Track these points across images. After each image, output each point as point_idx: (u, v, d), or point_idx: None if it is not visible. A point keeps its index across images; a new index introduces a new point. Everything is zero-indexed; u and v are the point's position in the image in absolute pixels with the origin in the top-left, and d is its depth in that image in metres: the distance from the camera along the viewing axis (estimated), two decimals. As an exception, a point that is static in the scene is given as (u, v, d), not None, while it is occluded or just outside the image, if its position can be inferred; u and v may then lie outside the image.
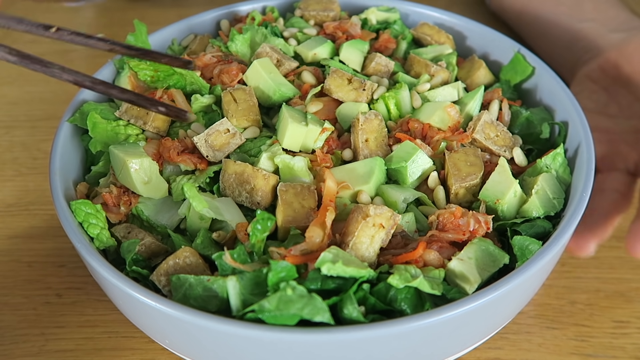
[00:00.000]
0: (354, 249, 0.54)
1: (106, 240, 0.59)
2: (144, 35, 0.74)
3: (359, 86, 0.66)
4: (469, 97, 0.69)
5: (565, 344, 0.66)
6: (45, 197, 0.81)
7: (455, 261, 0.55)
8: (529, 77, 0.74)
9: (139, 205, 0.62)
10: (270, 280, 0.51)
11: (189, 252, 0.56)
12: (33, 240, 0.77)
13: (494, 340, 0.66)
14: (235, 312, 0.52)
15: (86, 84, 0.51)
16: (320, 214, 0.55)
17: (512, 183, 0.60)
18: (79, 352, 0.66)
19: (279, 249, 0.54)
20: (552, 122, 0.69)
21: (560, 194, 0.61)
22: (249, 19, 0.78)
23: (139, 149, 0.63)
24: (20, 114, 0.93)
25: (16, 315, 0.69)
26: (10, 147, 0.89)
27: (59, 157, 0.63)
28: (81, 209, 0.59)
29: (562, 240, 0.56)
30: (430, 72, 0.71)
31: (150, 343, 0.66)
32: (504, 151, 0.65)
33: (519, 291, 0.56)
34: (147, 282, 0.57)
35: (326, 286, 0.52)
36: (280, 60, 0.70)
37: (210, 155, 0.62)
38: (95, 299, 0.70)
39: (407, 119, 0.66)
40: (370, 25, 0.80)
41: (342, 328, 0.49)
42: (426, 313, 0.50)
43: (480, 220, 0.57)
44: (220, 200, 0.60)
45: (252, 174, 0.60)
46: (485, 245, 0.57)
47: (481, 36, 0.79)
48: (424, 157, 0.62)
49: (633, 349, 0.66)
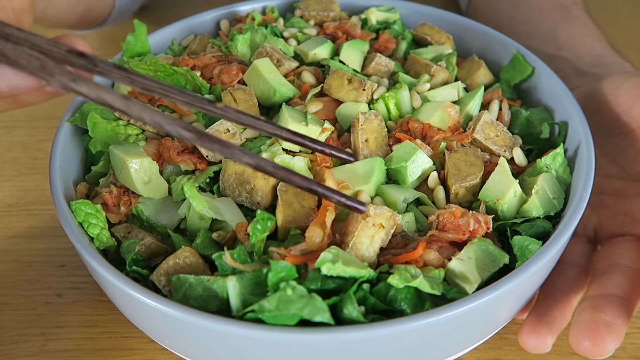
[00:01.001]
0: (354, 249, 0.54)
1: (106, 240, 0.59)
2: (144, 36, 0.74)
3: (359, 86, 0.66)
4: (469, 97, 0.69)
5: (565, 343, 0.66)
6: (45, 197, 0.81)
7: (455, 261, 0.55)
8: (528, 77, 0.74)
9: (139, 205, 0.62)
10: (270, 280, 0.51)
11: (189, 252, 0.56)
12: (33, 240, 0.77)
13: (494, 340, 0.66)
14: (235, 312, 0.52)
15: (268, 169, 0.50)
16: (320, 214, 0.55)
17: (512, 183, 0.60)
18: (79, 352, 0.66)
19: (279, 249, 0.54)
20: (552, 122, 0.69)
21: (560, 194, 0.61)
22: (249, 19, 0.78)
23: (139, 149, 0.63)
24: (20, 114, 0.93)
25: (16, 315, 0.69)
26: (10, 147, 0.89)
27: (59, 157, 0.63)
28: (81, 209, 0.59)
29: (562, 240, 0.56)
30: (430, 72, 0.71)
31: (150, 343, 0.66)
32: (504, 151, 0.65)
33: (519, 291, 0.56)
34: (147, 282, 0.57)
35: (326, 286, 0.52)
36: (280, 60, 0.70)
37: (210, 155, 0.62)
38: (95, 299, 0.70)
39: (407, 119, 0.66)
40: (370, 25, 0.80)
41: (342, 328, 0.49)
42: (426, 313, 0.50)
43: (480, 220, 0.57)
44: (220, 200, 0.60)
45: (252, 174, 0.60)
46: (486, 245, 0.57)
47: (481, 36, 0.79)
48: (424, 157, 0.62)
49: (633, 349, 0.66)
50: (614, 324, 0.56)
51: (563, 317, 0.61)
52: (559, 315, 0.61)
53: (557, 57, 0.83)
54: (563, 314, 0.61)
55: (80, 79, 0.45)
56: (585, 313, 0.58)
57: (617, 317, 0.57)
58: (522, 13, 0.92)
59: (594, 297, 0.59)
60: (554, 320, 0.60)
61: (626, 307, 0.58)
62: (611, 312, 0.57)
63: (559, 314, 0.61)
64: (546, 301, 0.62)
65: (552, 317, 0.60)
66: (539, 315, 0.61)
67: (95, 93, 0.45)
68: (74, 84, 0.44)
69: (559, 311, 0.61)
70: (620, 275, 0.61)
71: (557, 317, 0.61)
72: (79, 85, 0.45)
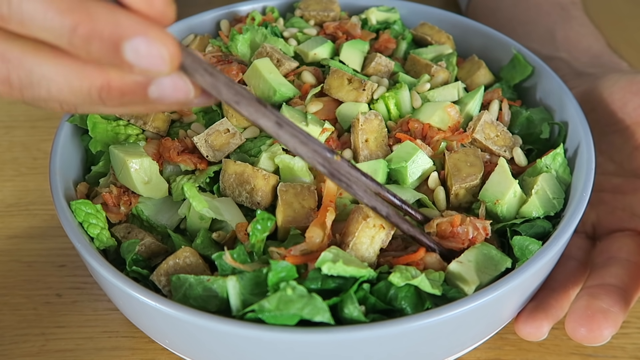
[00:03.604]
0: (354, 249, 0.54)
1: (106, 240, 0.59)
2: (144, 35, 0.74)
3: (359, 86, 0.66)
4: (469, 97, 0.69)
5: (565, 343, 0.66)
6: (45, 197, 0.81)
7: (455, 264, 0.55)
8: (528, 77, 0.74)
9: (139, 205, 0.62)
10: (270, 280, 0.51)
11: (189, 252, 0.56)
12: (33, 240, 0.77)
13: (494, 340, 0.66)
14: (235, 312, 0.52)
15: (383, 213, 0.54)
16: (321, 214, 0.55)
17: (511, 183, 0.60)
18: (79, 352, 0.66)
19: (279, 249, 0.54)
20: (552, 122, 0.69)
21: (560, 194, 0.61)
22: (249, 19, 0.78)
23: (139, 149, 0.63)
24: (20, 114, 0.93)
25: (16, 315, 0.69)
26: (10, 147, 0.89)
27: (59, 157, 0.63)
28: (81, 209, 0.59)
29: (562, 240, 0.56)
30: (430, 72, 0.71)
31: (150, 343, 0.66)
32: (504, 151, 0.65)
33: (519, 291, 0.56)
34: (147, 282, 0.57)
35: (326, 286, 0.52)
36: (280, 60, 0.70)
37: (210, 155, 0.62)
38: (95, 299, 0.70)
39: (407, 119, 0.66)
40: (370, 25, 0.80)
41: (342, 328, 0.49)
42: (426, 313, 0.50)
43: (479, 227, 0.57)
44: (220, 200, 0.60)
45: (252, 174, 0.60)
46: (487, 249, 0.57)
47: (481, 36, 0.79)
48: (424, 157, 0.62)
49: (633, 349, 0.66)
50: (610, 311, 0.56)
51: (560, 305, 0.61)
52: (556, 303, 0.61)
53: (554, 58, 0.83)
54: (560, 302, 0.61)
55: (243, 101, 0.46)
56: (582, 300, 0.58)
57: (614, 305, 0.57)
58: (521, 13, 0.92)
59: (592, 286, 0.59)
60: (550, 308, 0.60)
61: (623, 297, 0.58)
62: (608, 299, 0.57)
63: (555, 302, 0.61)
64: (543, 290, 0.62)
65: (549, 304, 0.61)
66: (536, 303, 0.61)
67: (253, 117, 0.47)
68: (236, 105, 0.46)
69: (556, 300, 0.61)
70: (618, 267, 0.61)
71: (553, 305, 0.61)
72: (241, 107, 0.47)
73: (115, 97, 0.43)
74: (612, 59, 0.82)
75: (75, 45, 0.40)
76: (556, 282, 0.63)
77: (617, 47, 0.86)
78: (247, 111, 0.47)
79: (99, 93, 0.42)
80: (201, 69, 0.44)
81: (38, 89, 0.42)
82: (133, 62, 0.40)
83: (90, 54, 0.40)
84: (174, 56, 0.41)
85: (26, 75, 0.42)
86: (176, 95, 0.44)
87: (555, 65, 0.80)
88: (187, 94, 0.44)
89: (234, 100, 0.46)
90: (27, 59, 0.41)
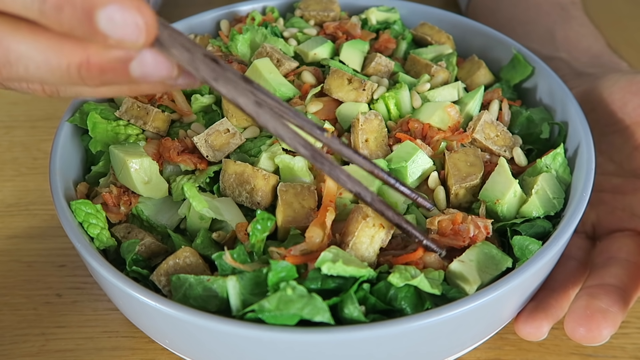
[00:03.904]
0: (354, 248, 0.54)
1: (106, 240, 0.59)
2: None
3: (359, 86, 0.66)
4: (469, 97, 0.69)
5: (565, 343, 0.66)
6: (45, 197, 0.81)
7: (456, 263, 0.55)
8: (529, 77, 0.74)
9: (139, 205, 0.62)
10: (270, 280, 0.51)
11: (189, 252, 0.56)
12: (33, 240, 0.77)
13: (494, 340, 0.66)
14: (235, 312, 0.52)
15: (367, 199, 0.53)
16: (320, 214, 0.55)
17: (512, 183, 0.60)
18: (79, 352, 0.66)
19: (279, 249, 0.54)
20: (552, 122, 0.69)
21: (560, 194, 0.61)
22: (249, 19, 0.78)
23: (139, 149, 0.63)
24: (20, 114, 0.93)
25: (16, 315, 0.69)
26: (10, 147, 0.89)
27: (59, 157, 0.63)
28: (81, 209, 0.59)
29: (562, 240, 0.56)
30: (430, 72, 0.71)
31: (150, 343, 0.66)
32: (504, 151, 0.65)
33: (519, 291, 0.56)
34: (147, 282, 0.57)
35: (326, 286, 0.52)
36: (280, 60, 0.70)
37: (210, 155, 0.62)
38: (95, 299, 0.70)
39: (407, 119, 0.66)
40: (370, 25, 0.80)
41: (342, 328, 0.49)
42: (426, 313, 0.50)
43: (480, 226, 0.57)
44: (220, 200, 0.60)
45: (252, 174, 0.60)
46: (488, 248, 0.57)
47: (481, 36, 0.79)
48: (424, 157, 0.62)
49: (633, 349, 0.66)
50: (609, 310, 0.56)
51: (560, 305, 0.61)
52: (556, 303, 0.61)
53: (554, 58, 0.83)
54: (560, 302, 0.61)
55: (221, 78, 0.45)
56: (581, 300, 0.58)
57: (613, 305, 0.57)
58: (521, 13, 0.92)
59: (591, 286, 0.59)
60: (550, 308, 0.60)
61: (623, 297, 0.58)
62: (607, 299, 0.57)
63: (555, 302, 0.61)
64: (543, 290, 0.62)
65: (549, 304, 0.61)
66: (536, 303, 0.61)
67: (231, 95, 0.45)
68: (214, 82, 0.45)
69: (555, 299, 0.61)
70: (618, 267, 0.61)
71: (553, 305, 0.61)
72: (219, 84, 0.45)
73: (96, 74, 0.41)
74: (612, 59, 0.82)
75: (47, 15, 0.38)
76: (556, 282, 0.63)
77: (617, 47, 0.86)
78: (225, 89, 0.45)
79: (78, 70, 0.41)
80: (177, 44, 0.42)
81: (16, 67, 0.41)
82: (107, 32, 0.38)
83: (62, 24, 0.39)
84: (150, 26, 0.39)
85: (3, 53, 0.41)
86: (159, 73, 0.42)
87: (555, 65, 0.80)
88: (170, 71, 0.43)
89: (211, 77, 0.44)
90: (3, 36, 0.40)
